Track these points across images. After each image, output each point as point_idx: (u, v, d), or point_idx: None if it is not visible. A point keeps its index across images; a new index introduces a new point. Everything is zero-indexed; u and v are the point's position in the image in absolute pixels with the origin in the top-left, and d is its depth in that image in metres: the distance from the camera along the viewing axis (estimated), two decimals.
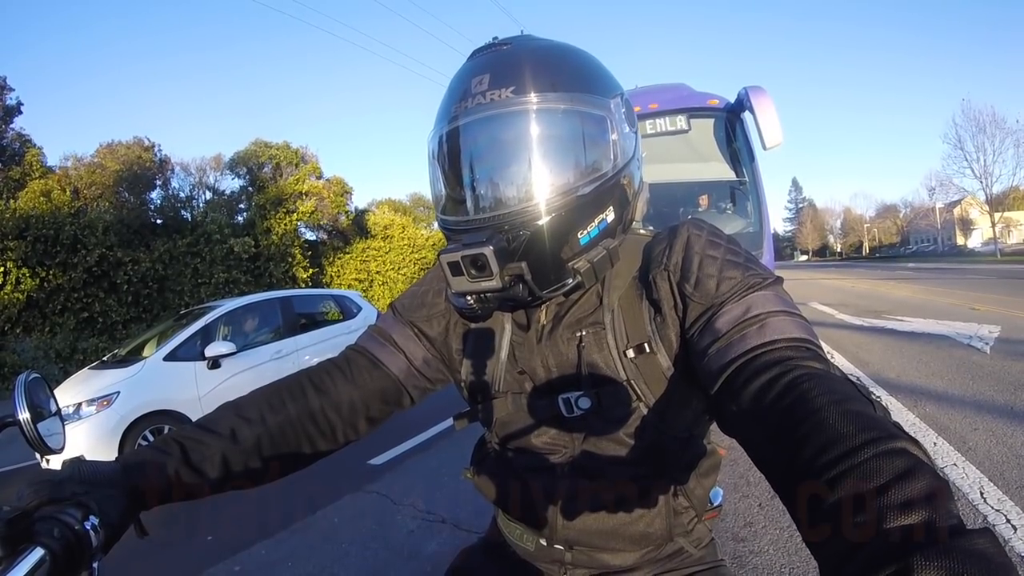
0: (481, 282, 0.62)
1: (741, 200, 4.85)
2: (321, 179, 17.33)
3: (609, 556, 0.75)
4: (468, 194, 0.67)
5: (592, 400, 0.70)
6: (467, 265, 0.61)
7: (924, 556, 0.33)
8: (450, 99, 0.68)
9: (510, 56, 0.68)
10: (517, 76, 0.65)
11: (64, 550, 0.50)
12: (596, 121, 0.67)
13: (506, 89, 0.64)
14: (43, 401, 0.76)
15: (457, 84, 0.68)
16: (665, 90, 5.19)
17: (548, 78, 0.65)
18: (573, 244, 0.66)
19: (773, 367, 0.54)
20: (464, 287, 0.63)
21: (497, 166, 0.66)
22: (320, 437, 0.77)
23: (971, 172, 36.68)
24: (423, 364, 0.82)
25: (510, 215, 0.64)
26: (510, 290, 0.63)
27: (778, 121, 4.25)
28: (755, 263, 0.66)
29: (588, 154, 0.67)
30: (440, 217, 0.72)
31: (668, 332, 0.67)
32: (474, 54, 0.71)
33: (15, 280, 10.43)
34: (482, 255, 0.60)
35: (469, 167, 0.67)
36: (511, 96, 0.64)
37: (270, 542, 3.00)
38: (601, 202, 0.67)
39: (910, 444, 0.42)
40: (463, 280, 0.63)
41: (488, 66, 0.67)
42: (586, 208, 0.66)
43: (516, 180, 0.65)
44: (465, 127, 0.66)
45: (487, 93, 0.64)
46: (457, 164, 0.68)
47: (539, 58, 0.68)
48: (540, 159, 0.64)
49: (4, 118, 13.61)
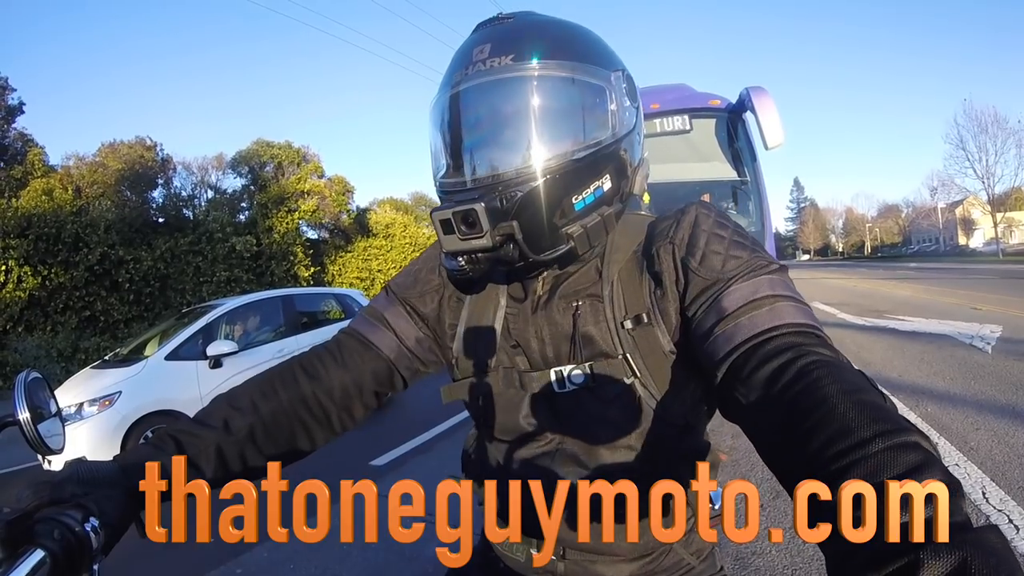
0: (471, 240, 0.63)
1: (743, 200, 4.87)
2: (323, 178, 17.32)
3: (604, 567, 0.72)
4: (465, 158, 0.67)
5: (585, 374, 0.68)
6: (458, 222, 0.62)
7: (933, 550, 0.33)
8: (452, 68, 0.69)
9: (512, 27, 0.69)
10: (517, 45, 0.65)
11: (64, 552, 0.49)
12: (595, 91, 0.67)
13: (506, 57, 0.64)
14: (43, 401, 0.75)
15: (460, 54, 0.69)
16: (667, 90, 5.18)
17: (548, 47, 0.66)
18: (567, 209, 0.66)
19: (783, 353, 0.53)
20: (455, 246, 0.64)
21: (494, 130, 0.66)
22: (315, 424, 0.76)
23: (973, 172, 36.83)
24: (415, 344, 0.81)
25: (505, 176, 0.64)
26: (500, 250, 0.64)
27: (779, 121, 4.27)
28: (761, 248, 0.66)
29: (586, 122, 0.67)
30: (440, 181, 0.71)
31: (667, 306, 0.66)
32: (478, 27, 0.72)
33: (17, 279, 10.44)
34: (473, 211, 0.61)
35: (467, 132, 0.68)
36: (510, 63, 0.64)
37: (272, 544, 2.99)
38: (597, 169, 0.67)
39: (921, 438, 0.41)
40: (454, 239, 0.64)
41: (490, 37, 0.67)
42: (581, 173, 0.66)
43: (512, 144, 0.65)
44: (464, 92, 0.66)
45: (487, 60, 0.65)
46: (456, 129, 0.68)
47: (540, 29, 0.69)
48: (536, 124, 0.64)
49: (6, 118, 13.61)
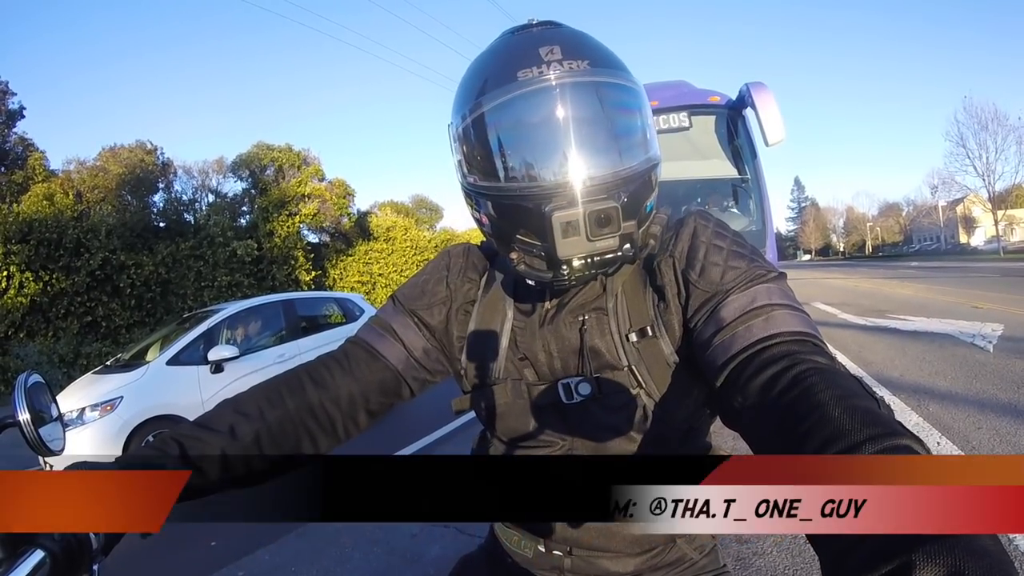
0: (601, 240, 0.62)
1: (743, 198, 4.78)
2: (323, 182, 17.36)
3: (609, 562, 0.74)
4: (574, 156, 0.63)
5: (592, 386, 0.69)
6: (591, 222, 0.61)
7: (926, 552, 0.33)
8: (512, 65, 0.64)
9: (570, 34, 0.68)
10: (586, 51, 0.66)
11: (64, 552, 0.50)
12: (648, 106, 0.70)
13: (581, 61, 0.64)
14: (43, 403, 0.75)
15: (519, 52, 0.66)
16: (665, 87, 5.10)
17: (610, 59, 0.68)
18: (643, 213, 0.69)
19: (779, 361, 0.54)
20: (579, 248, 0.62)
21: (603, 130, 0.65)
22: (320, 432, 0.76)
23: (974, 170, 36.81)
24: (422, 355, 0.81)
25: (620, 174, 0.64)
26: (621, 251, 0.64)
27: (780, 117, 4.20)
28: (760, 256, 0.67)
29: (648, 132, 0.69)
30: (525, 185, 0.65)
31: (671, 319, 0.68)
32: (517, 31, 0.70)
33: (18, 284, 10.47)
34: (613, 209, 0.61)
35: (577, 129, 0.63)
36: (589, 68, 0.64)
37: (273, 546, 3.00)
38: (653, 179, 0.70)
39: (913, 441, 0.42)
40: (579, 241, 0.61)
41: (552, 39, 0.66)
42: (651, 180, 0.68)
43: (620, 145, 0.65)
44: (563, 88, 0.63)
45: (564, 62, 0.64)
46: (560, 125, 0.63)
47: (592, 40, 0.70)
48: (629, 127, 0.67)
49: (7, 123, 13.69)
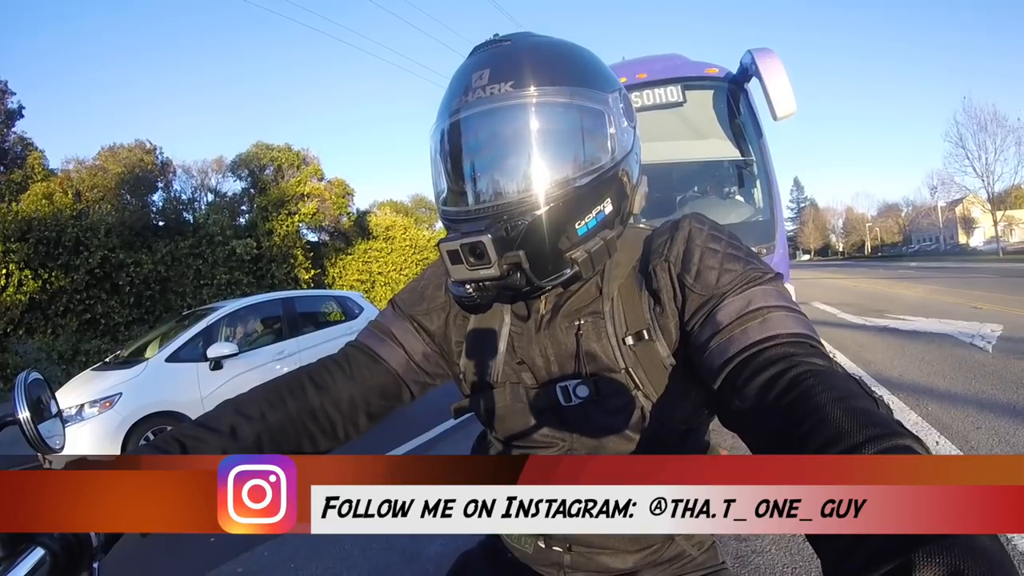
0: (479, 270, 0.64)
1: (748, 183, 4.22)
2: (323, 181, 17.33)
3: (608, 558, 0.75)
4: (468, 186, 0.68)
5: (590, 388, 0.70)
6: (466, 253, 0.63)
7: (926, 552, 0.33)
8: (451, 94, 0.70)
9: (510, 52, 0.69)
10: (516, 71, 0.66)
11: (64, 551, 0.50)
12: (594, 115, 0.68)
13: (506, 83, 0.65)
14: (44, 401, 0.76)
15: (458, 79, 0.70)
16: (656, 60, 4.53)
17: (547, 73, 0.67)
18: (571, 235, 0.67)
19: (776, 363, 0.54)
20: (463, 275, 0.65)
21: (496, 158, 0.67)
22: (320, 434, 0.77)
23: (973, 170, 36.76)
24: (422, 359, 0.82)
25: (509, 205, 0.65)
26: (508, 279, 0.64)
27: (790, 87, 3.62)
28: (756, 258, 0.67)
29: (586, 147, 0.68)
30: (441, 209, 0.73)
31: (667, 322, 0.68)
32: (475, 50, 0.72)
33: (17, 282, 10.46)
34: (480, 243, 0.62)
35: (469, 159, 0.68)
36: (511, 90, 0.65)
37: (273, 543, 3.00)
38: (599, 194, 0.68)
39: (913, 441, 0.42)
40: (462, 268, 0.64)
41: (488, 61, 0.68)
42: (584, 199, 0.67)
43: (515, 172, 0.66)
44: (465, 120, 0.67)
45: (487, 87, 0.66)
46: (458, 157, 0.69)
47: (538, 54, 0.69)
48: (538, 151, 0.65)
49: (6, 122, 13.65)
